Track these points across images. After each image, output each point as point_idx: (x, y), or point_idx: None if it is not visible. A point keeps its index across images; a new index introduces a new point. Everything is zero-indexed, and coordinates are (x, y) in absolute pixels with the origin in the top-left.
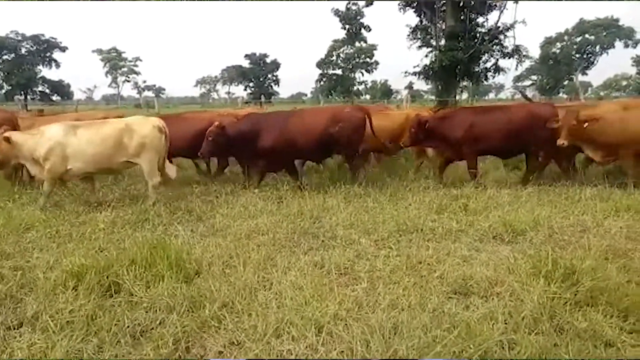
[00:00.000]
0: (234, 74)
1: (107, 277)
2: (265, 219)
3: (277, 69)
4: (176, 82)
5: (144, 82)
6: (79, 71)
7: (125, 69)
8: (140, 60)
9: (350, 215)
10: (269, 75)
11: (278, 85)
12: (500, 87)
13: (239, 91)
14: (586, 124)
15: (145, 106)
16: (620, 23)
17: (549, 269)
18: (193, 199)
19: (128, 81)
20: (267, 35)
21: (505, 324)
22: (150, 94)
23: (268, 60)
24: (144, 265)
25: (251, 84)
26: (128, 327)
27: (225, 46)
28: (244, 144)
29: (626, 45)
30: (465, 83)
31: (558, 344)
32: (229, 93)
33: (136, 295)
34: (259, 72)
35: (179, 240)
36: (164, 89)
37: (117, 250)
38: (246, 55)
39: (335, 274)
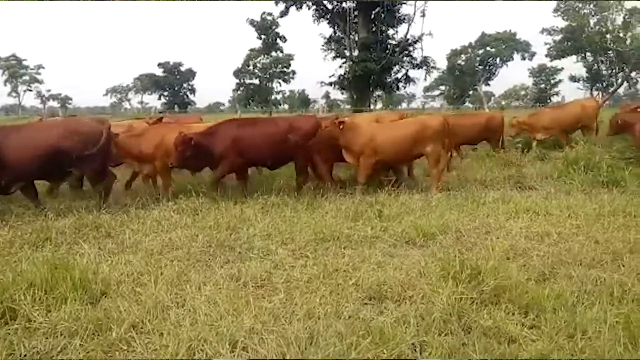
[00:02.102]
0: (147, 83)
1: (2, 303)
2: (180, 233)
3: (193, 78)
4: (84, 91)
5: (49, 91)
6: None
7: (26, 78)
8: (43, 67)
9: (268, 225)
10: (184, 84)
11: (194, 95)
12: (412, 97)
13: (153, 100)
14: (341, 126)
15: (49, 117)
16: (518, 37)
17: (456, 270)
18: (101, 213)
19: (30, 90)
20: (181, 43)
21: (417, 326)
22: (55, 103)
23: (183, 68)
24: (44, 288)
25: (165, 93)
26: (25, 355)
27: (137, 54)
28: None
29: (523, 58)
30: (378, 93)
31: (466, 343)
32: (141, 102)
33: (35, 321)
34: (173, 81)
35: (84, 259)
36: (70, 99)
37: (14, 272)
38: (159, 64)
39: (252, 286)
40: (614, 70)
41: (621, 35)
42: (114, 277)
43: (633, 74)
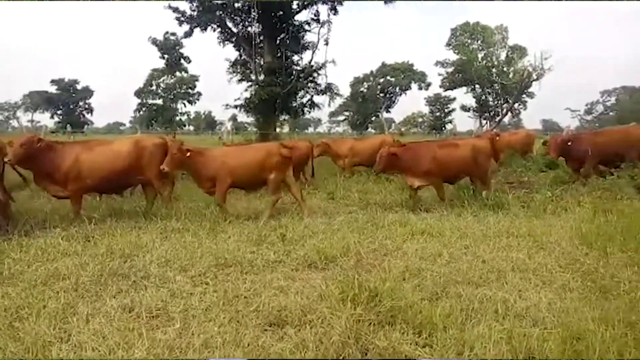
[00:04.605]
0: (38, 100)
1: None
2: (68, 262)
3: (90, 97)
4: None
5: None
6: None
7: None
8: None
9: (166, 251)
10: (80, 103)
11: (91, 114)
12: (318, 122)
13: (45, 119)
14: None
15: None
16: (415, 68)
17: (355, 292)
18: None
19: None
20: (76, 60)
21: (316, 350)
22: None
23: (79, 86)
24: None
25: (59, 112)
26: None
27: (27, 70)
28: None
29: (420, 88)
30: (284, 117)
31: None
32: (32, 121)
33: None
34: (68, 99)
35: None
36: None
37: None
38: (53, 81)
39: (146, 316)
40: (499, 101)
41: (505, 69)
42: None
43: (516, 105)
